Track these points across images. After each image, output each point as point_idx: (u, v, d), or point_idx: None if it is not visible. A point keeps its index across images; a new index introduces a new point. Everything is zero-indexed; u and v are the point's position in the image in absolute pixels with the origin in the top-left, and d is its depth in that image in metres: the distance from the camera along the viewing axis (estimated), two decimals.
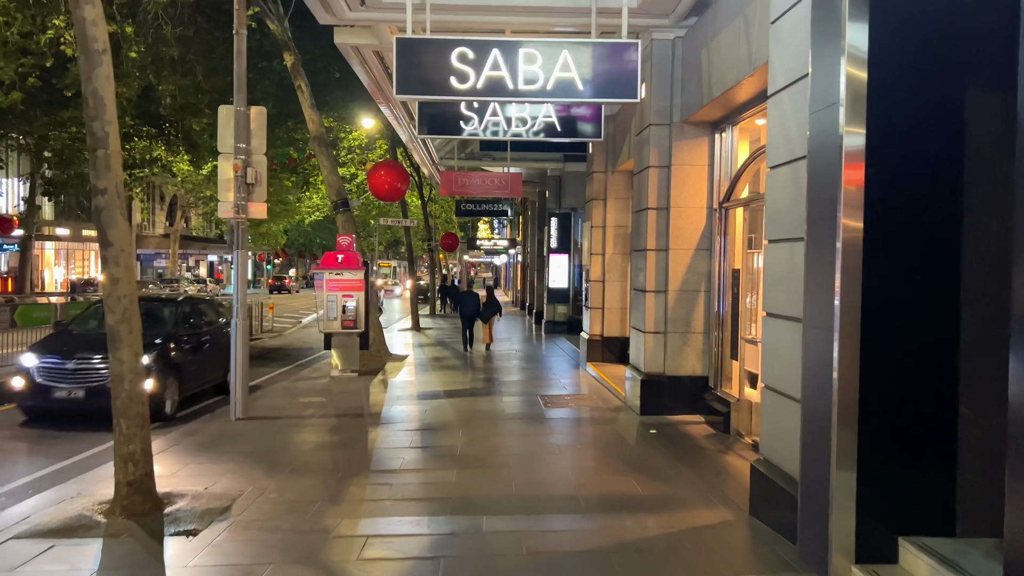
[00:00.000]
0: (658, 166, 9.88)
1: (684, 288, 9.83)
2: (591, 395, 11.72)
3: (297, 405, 11.08)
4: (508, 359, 16.84)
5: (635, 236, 10.63)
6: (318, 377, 14.19)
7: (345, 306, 14.21)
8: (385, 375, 14.36)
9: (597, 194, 14.37)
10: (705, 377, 9.86)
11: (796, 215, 5.40)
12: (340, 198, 17.11)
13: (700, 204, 9.81)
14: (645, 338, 9.95)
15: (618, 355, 14.36)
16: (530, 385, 12.89)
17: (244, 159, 10.16)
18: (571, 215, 22.69)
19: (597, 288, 14.45)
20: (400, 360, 16.55)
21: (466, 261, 69.13)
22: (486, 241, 38.34)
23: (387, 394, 12.11)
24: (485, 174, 15.87)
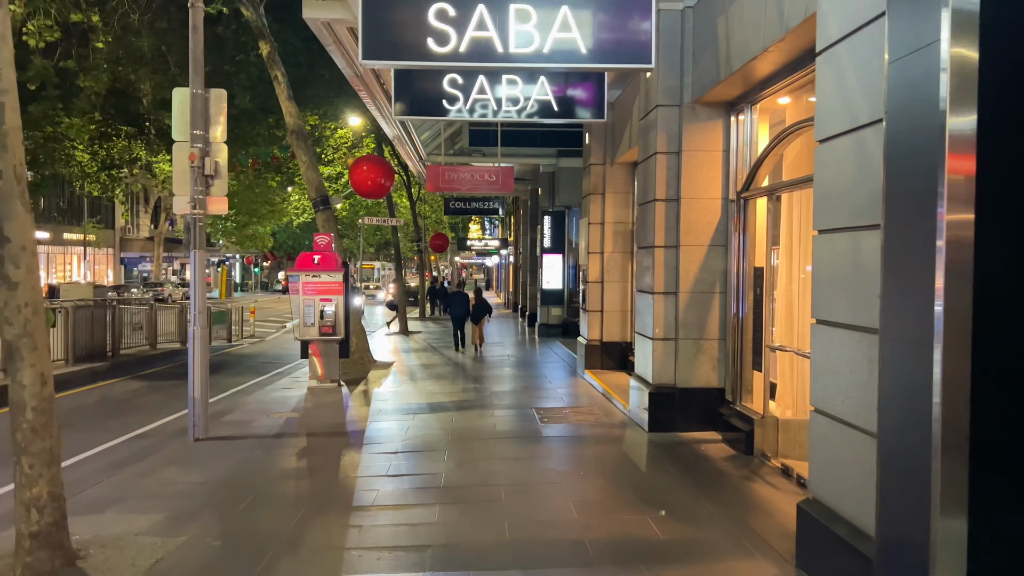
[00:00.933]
0: (666, 152, 8.73)
1: (697, 289, 8.68)
2: (591, 407, 10.54)
3: (267, 422, 9.88)
4: (500, 365, 15.66)
5: (640, 232, 9.47)
6: (295, 388, 12.98)
7: (323, 311, 13.01)
8: (368, 385, 13.16)
9: (595, 188, 13.21)
10: (721, 389, 8.71)
11: (861, 197, 4.24)
12: (320, 195, 15.92)
13: (714, 195, 8.66)
14: (653, 345, 8.79)
15: (618, 361, 13.21)
16: (524, 396, 11.71)
17: (201, 147, 8.96)
18: (565, 213, 21.54)
19: (596, 289, 13.29)
20: (385, 368, 15.35)
21: (457, 262, 67.97)
22: (477, 241, 37.16)
23: (368, 408, 10.91)
24: (474, 168, 14.71)
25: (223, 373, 15.91)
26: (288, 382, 13.75)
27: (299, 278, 13.06)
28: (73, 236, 40.97)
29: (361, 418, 10.11)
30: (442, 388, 12.59)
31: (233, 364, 17.35)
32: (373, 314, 33.83)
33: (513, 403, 11.07)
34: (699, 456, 7.78)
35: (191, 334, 9.00)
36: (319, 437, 8.95)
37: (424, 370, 14.99)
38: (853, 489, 4.28)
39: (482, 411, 10.42)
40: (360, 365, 15.64)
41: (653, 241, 8.81)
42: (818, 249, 4.81)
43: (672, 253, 8.75)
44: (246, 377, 15.11)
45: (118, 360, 15.70)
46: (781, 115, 8.03)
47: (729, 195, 8.62)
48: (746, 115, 8.32)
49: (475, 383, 13.12)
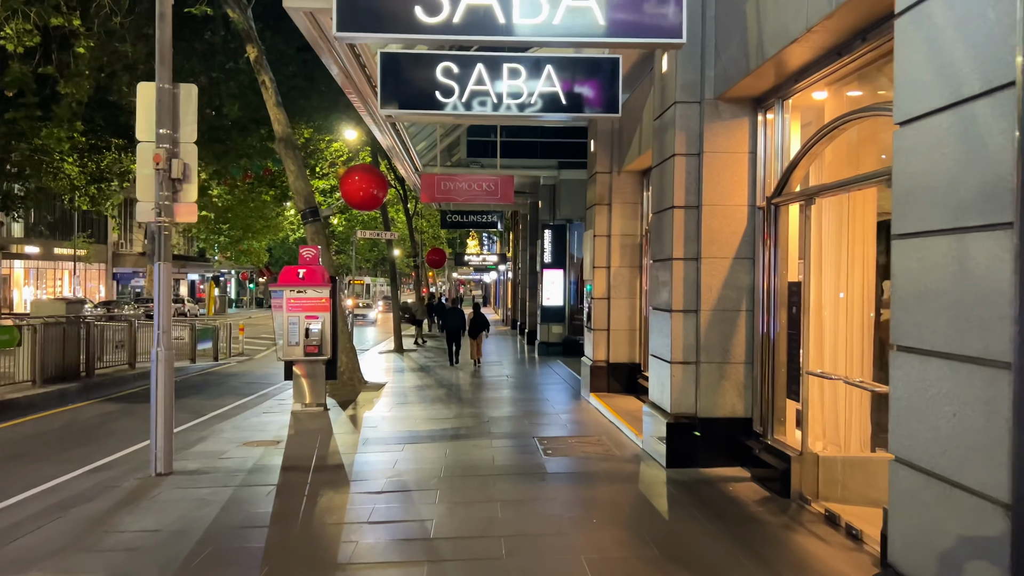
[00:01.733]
0: (685, 154, 7.76)
1: (720, 307, 7.68)
2: (599, 437, 9.51)
3: (241, 453, 8.83)
4: (498, 387, 14.62)
5: (655, 243, 8.48)
6: (278, 412, 11.93)
7: (308, 329, 11.99)
8: (356, 409, 12.12)
9: (600, 198, 12.24)
10: (748, 419, 7.69)
11: (968, 189, 3.26)
12: (308, 207, 14.96)
13: (739, 201, 7.68)
14: (671, 370, 7.77)
15: (626, 384, 12.18)
16: (525, 422, 10.67)
17: (168, 148, 7.97)
18: (566, 227, 20.59)
19: (602, 306, 12.29)
20: (376, 390, 14.30)
21: (455, 278, 66.93)
22: (474, 257, 36.08)
23: (355, 435, 9.86)
24: (472, 177, 13.75)
25: (203, 395, 14.86)
26: (272, 405, 12.71)
27: (283, 294, 12.05)
28: (64, 251, 39.93)
29: (346, 448, 9.07)
30: (436, 413, 11.55)
31: (216, 385, 16.30)
32: (363, 336, 32.82)
33: (513, 431, 10.03)
34: (728, 499, 6.74)
35: (154, 356, 7.98)
36: (297, 472, 7.90)
37: (418, 392, 13.95)
38: (964, 569, 3.26)
39: (479, 440, 9.37)
40: (350, 387, 14.60)
41: (671, 253, 7.82)
42: (900, 258, 3.82)
43: (692, 266, 7.75)
44: (227, 399, 14.07)
45: (92, 381, 14.64)
46: (816, 112, 7.06)
47: (756, 201, 7.64)
48: (776, 112, 7.36)
49: (472, 407, 12.08)
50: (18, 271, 39.95)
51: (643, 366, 11.93)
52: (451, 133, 18.93)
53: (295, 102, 21.01)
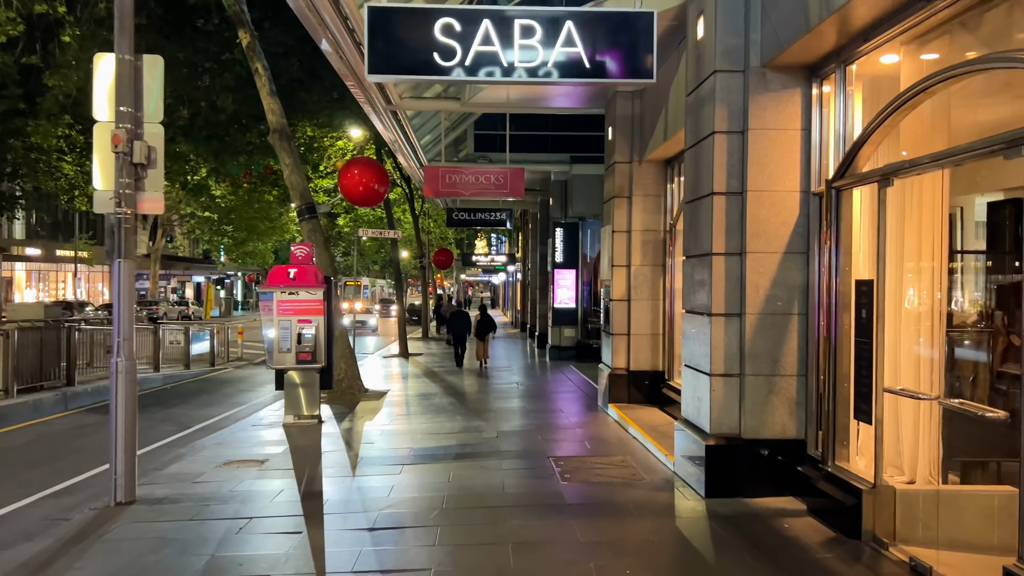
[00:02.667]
0: (727, 132, 6.62)
1: (769, 309, 6.53)
2: (623, 457, 8.36)
3: (218, 476, 7.74)
4: (508, 396, 13.49)
5: (690, 236, 7.33)
6: (268, 425, 10.85)
7: (301, 334, 10.88)
8: (353, 421, 11.01)
9: (620, 190, 11.09)
10: (801, 441, 6.53)
11: None
12: (305, 203, 13.89)
13: (790, 186, 6.54)
14: (711, 384, 6.63)
15: (648, 394, 11.03)
16: (537, 438, 9.54)
17: (129, 128, 6.89)
18: (579, 225, 19.46)
19: (621, 309, 11.14)
20: (377, 399, 13.20)
21: (463, 280, 65.82)
22: (482, 257, 34.90)
23: (348, 454, 8.75)
24: (479, 170, 12.64)
25: (193, 404, 13.79)
26: (263, 416, 11.61)
27: (272, 296, 10.96)
28: (66, 252, 39.02)
29: (337, 470, 7.95)
30: (440, 426, 10.43)
31: (207, 392, 15.24)
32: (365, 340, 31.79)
33: (524, 448, 8.89)
34: (784, 539, 5.59)
35: (113, 367, 6.90)
36: (277, 501, 6.79)
37: (421, 401, 12.83)
38: None
39: (487, 461, 8.24)
40: (348, 395, 13.51)
41: (709, 247, 6.67)
42: None
43: (735, 263, 6.61)
44: (216, 409, 13.00)
45: (74, 390, 13.58)
46: (886, 80, 5.91)
47: (811, 186, 6.49)
48: (835, 81, 6.21)
49: (479, 419, 10.95)
50: (19, 273, 39.07)
51: (668, 374, 10.78)
52: (457, 126, 17.83)
53: (295, 95, 19.96)
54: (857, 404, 5.68)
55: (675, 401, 10.15)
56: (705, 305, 6.77)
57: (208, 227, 38.94)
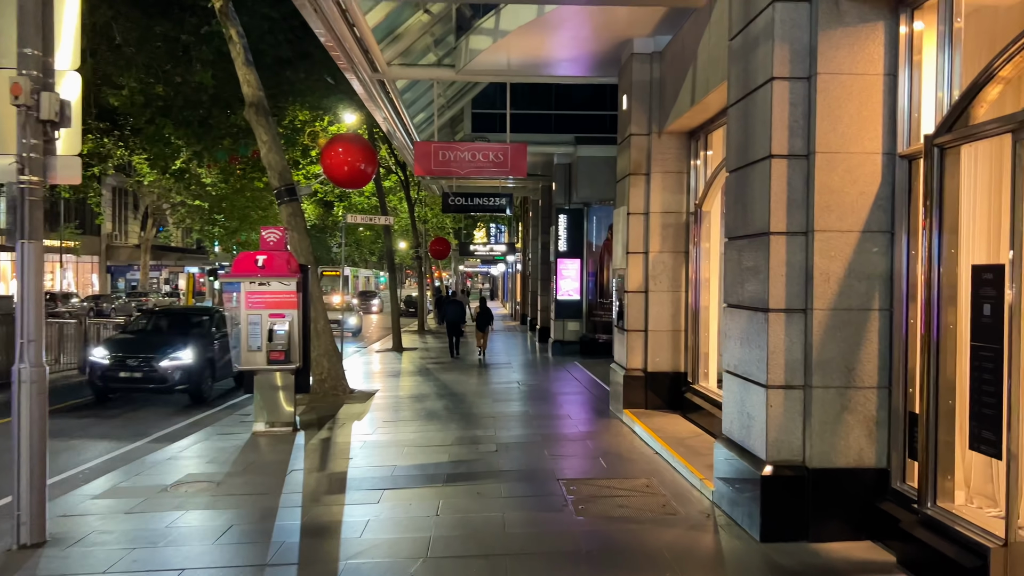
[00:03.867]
0: (789, 78, 5.15)
1: (842, 304, 5.08)
2: (648, 480, 6.91)
3: (160, 501, 6.32)
4: (508, 397, 12.05)
5: (736, 212, 5.87)
6: (235, 433, 9.41)
7: (273, 330, 9.44)
8: (333, 429, 9.57)
9: (636, 167, 9.62)
10: (883, 471, 5.10)
11: None
12: (284, 184, 12.45)
13: (870, 147, 5.08)
14: (767, 397, 5.18)
15: (668, 399, 9.59)
16: (543, 452, 8.10)
17: (35, 76, 5.41)
18: (583, 211, 17.99)
19: (637, 302, 9.69)
20: (364, 400, 11.76)
21: (461, 271, 64.29)
22: (481, 246, 33.30)
23: (320, 475, 7.31)
24: (476, 146, 11.16)
25: (161, 406, 12.34)
26: (232, 423, 10.17)
27: (239, 287, 9.50)
28: (52, 243, 37.45)
29: (304, 497, 6.51)
30: (432, 436, 8.99)
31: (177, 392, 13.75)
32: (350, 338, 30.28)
33: (529, 466, 7.45)
34: None
35: (14, 376, 5.43)
36: (220, 543, 5.35)
37: (413, 404, 11.38)
38: None
39: (484, 484, 6.80)
40: (332, 397, 12.08)
41: (766, 225, 5.22)
42: None
43: (799, 245, 5.16)
44: (183, 415, 11.54)
45: None
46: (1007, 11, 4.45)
47: (898, 147, 5.04)
48: (938, 11, 4.75)
49: (476, 427, 9.51)
50: (4, 264, 37.55)
51: (692, 376, 9.34)
52: (453, 103, 16.33)
53: (280, 73, 18.43)
54: (975, 431, 4.22)
55: (700, 408, 8.73)
56: (759, 299, 5.31)
57: (199, 216, 37.43)
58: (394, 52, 10.88)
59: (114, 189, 43.59)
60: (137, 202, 44.75)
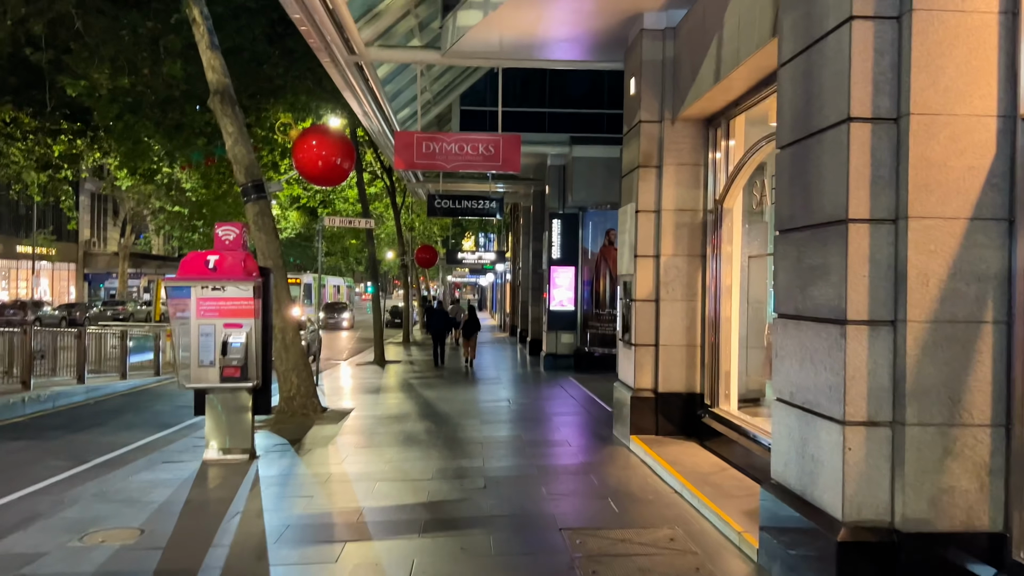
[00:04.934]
0: (872, 17, 3.88)
1: (944, 314, 3.80)
2: (671, 529, 5.58)
3: (64, 559, 4.95)
4: (497, 418, 10.71)
5: (793, 196, 4.56)
6: (182, 462, 8.04)
7: (227, 342, 8.08)
8: (297, 457, 8.20)
9: (646, 158, 8.35)
10: (1001, 537, 3.80)
11: None
12: (251, 180, 11.10)
13: (982, 108, 3.82)
14: (843, 437, 3.88)
15: (680, 422, 8.28)
16: (541, 490, 6.75)
17: None
18: (579, 216, 16.71)
19: (647, 312, 8.39)
20: (336, 422, 10.38)
21: (449, 282, 62.86)
22: (469, 255, 31.89)
23: (270, 517, 5.94)
24: (465, 137, 9.86)
25: (108, 426, 10.93)
26: (182, 448, 8.79)
27: (189, 292, 8.14)
28: (26, 249, 35.89)
29: (245, 552, 5.15)
30: (409, 467, 7.63)
31: (134, 411, 12.34)
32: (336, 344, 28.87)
33: (522, 510, 6.11)
34: None
35: None
36: None
37: (391, 426, 10.02)
38: None
39: (468, 535, 5.46)
40: (301, 417, 10.69)
41: (841, 210, 3.93)
42: None
43: (885, 235, 3.87)
44: (134, 435, 10.13)
45: None
46: None
47: (1021, 108, 3.78)
48: None
49: (461, 455, 8.16)
50: None
51: (710, 398, 8.03)
52: (440, 100, 15.05)
53: (258, 70, 17.13)
54: None
55: (719, 434, 7.43)
56: (830, 307, 4.02)
57: (179, 223, 35.96)
58: (373, 32, 9.59)
59: (92, 195, 42.07)
60: (117, 208, 43.18)
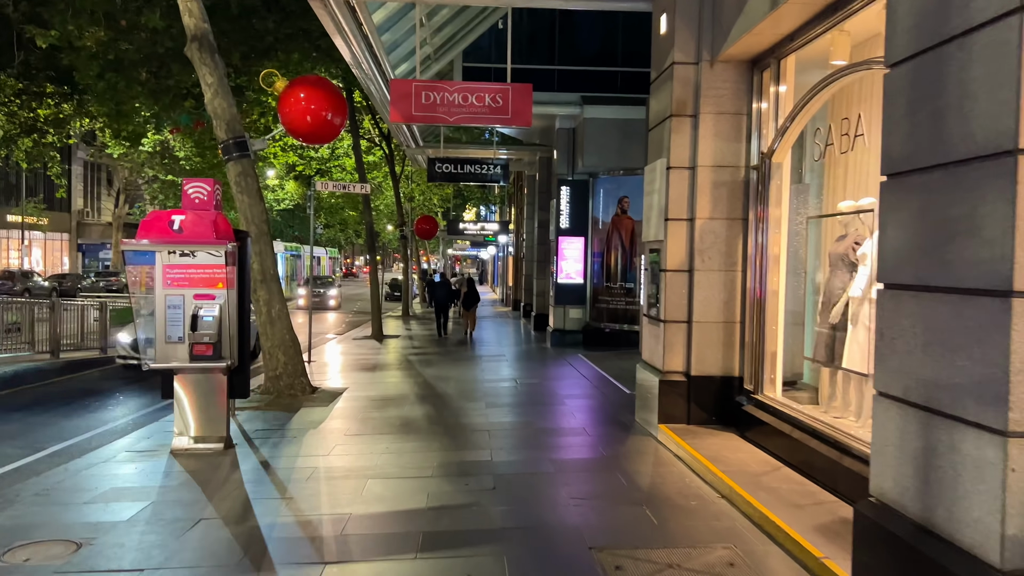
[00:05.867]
0: None
1: None
2: (725, 547, 4.49)
3: None
4: (505, 402, 9.63)
5: (913, 128, 3.39)
6: (150, 452, 6.97)
7: (198, 316, 6.98)
8: (278, 447, 7.12)
9: (680, 106, 7.17)
10: None
11: None
12: (232, 136, 9.94)
13: None
14: (1005, 452, 2.77)
15: (715, 409, 7.20)
16: (559, 492, 5.68)
17: None
18: (589, 183, 15.53)
19: (678, 284, 7.27)
20: (327, 404, 9.31)
21: (450, 255, 61.63)
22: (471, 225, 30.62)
23: (235, 527, 4.86)
24: (469, 87, 8.66)
25: (76, 406, 9.83)
26: (152, 433, 7.72)
27: (154, 258, 7.01)
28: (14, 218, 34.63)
29: (212, 567, 4.09)
30: (406, 461, 6.56)
31: (108, 392, 11.24)
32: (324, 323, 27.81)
33: (541, 521, 5.03)
34: None
35: None
36: None
37: (386, 409, 8.94)
38: None
39: (477, 556, 4.38)
40: (288, 398, 9.62)
41: (1010, 139, 2.78)
42: None
43: None
44: (100, 417, 9.07)
45: None
46: None
47: None
48: None
49: (465, 447, 7.09)
50: None
51: (752, 382, 6.93)
52: (440, 55, 13.79)
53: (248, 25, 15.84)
54: None
55: (763, 423, 6.35)
56: (983, 272, 2.89)
57: (173, 192, 34.72)
58: None
59: (86, 164, 40.72)
60: (111, 178, 41.81)
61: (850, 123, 5.91)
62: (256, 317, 9.88)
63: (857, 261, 6.18)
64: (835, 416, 6.15)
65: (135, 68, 16.23)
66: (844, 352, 6.07)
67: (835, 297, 6.31)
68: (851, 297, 6.11)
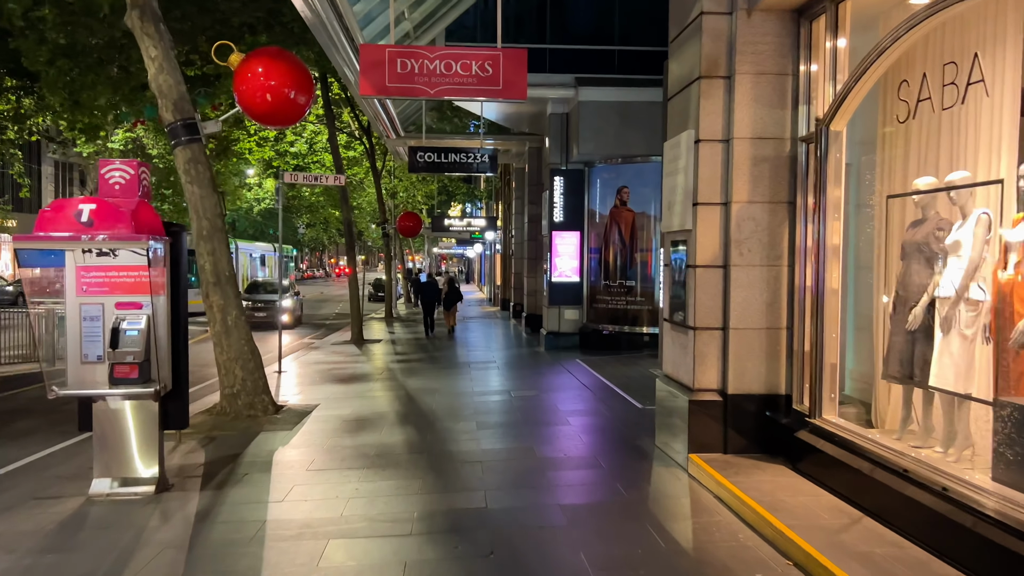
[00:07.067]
0: None
1: None
2: None
3: None
4: (499, 421, 8.24)
5: None
6: (61, 499, 5.53)
7: (119, 329, 5.54)
8: (223, 490, 5.70)
9: (711, 66, 5.83)
10: None
11: None
12: (181, 118, 8.51)
13: None
14: None
15: (758, 435, 5.85)
16: (578, 558, 4.31)
17: None
18: (584, 173, 14.16)
19: (711, 283, 5.92)
20: (291, 426, 7.89)
21: (435, 253, 60.05)
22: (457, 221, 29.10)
23: None
24: (452, 52, 7.27)
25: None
26: (70, 473, 6.27)
27: (63, 258, 5.57)
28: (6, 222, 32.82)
29: None
30: (380, 510, 5.16)
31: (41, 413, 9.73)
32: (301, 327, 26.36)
33: None
34: None
35: None
36: None
37: (358, 434, 7.53)
38: None
39: None
40: (247, 419, 8.20)
41: None
42: None
43: None
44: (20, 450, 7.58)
45: None
46: None
47: None
48: None
49: (453, 488, 5.70)
50: None
51: (804, 401, 5.59)
52: (421, 34, 12.35)
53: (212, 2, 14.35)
54: None
55: (823, 452, 5.00)
56: None
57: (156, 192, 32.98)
58: None
59: (57, 164, 38.91)
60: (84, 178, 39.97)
61: (958, 68, 4.54)
62: (210, 326, 8.45)
63: (940, 252, 4.86)
64: (913, 445, 4.83)
65: (89, 54, 14.69)
66: (932, 366, 4.74)
67: (913, 297, 4.99)
68: (939, 297, 4.78)
